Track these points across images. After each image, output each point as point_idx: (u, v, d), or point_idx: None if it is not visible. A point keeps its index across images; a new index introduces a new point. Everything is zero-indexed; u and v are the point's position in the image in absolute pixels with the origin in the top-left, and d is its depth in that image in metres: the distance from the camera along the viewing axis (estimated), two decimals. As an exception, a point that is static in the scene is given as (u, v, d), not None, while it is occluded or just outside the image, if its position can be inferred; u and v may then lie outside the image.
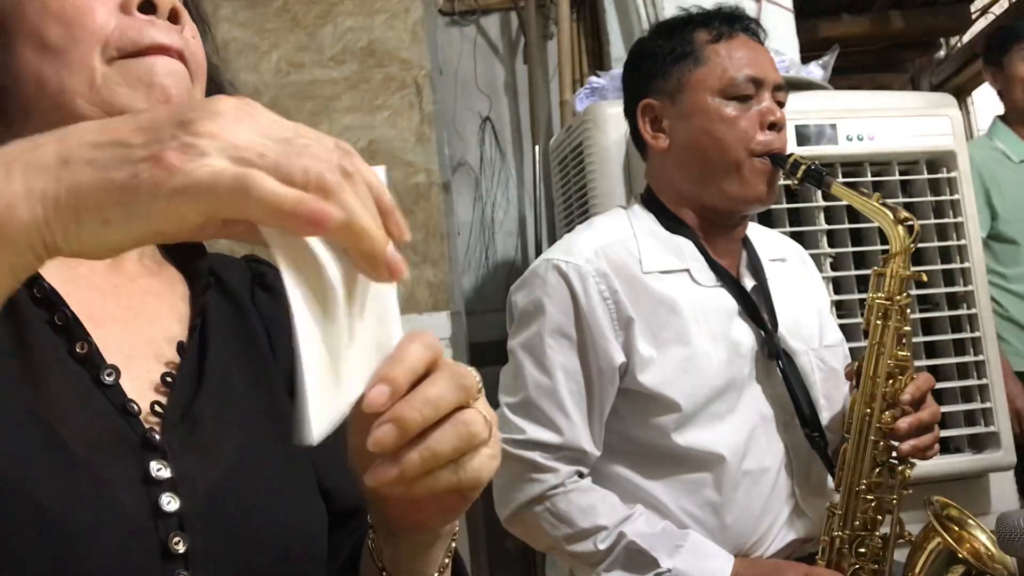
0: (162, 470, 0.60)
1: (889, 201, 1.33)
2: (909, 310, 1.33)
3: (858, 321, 1.51)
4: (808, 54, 2.28)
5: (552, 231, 2.44)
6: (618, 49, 2.46)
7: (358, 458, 0.56)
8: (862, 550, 1.32)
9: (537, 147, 2.67)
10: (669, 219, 1.42)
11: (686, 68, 1.38)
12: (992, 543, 1.29)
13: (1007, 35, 2.63)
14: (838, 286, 1.89)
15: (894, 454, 1.30)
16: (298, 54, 2.33)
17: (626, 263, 1.36)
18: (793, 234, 1.81)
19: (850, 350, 1.54)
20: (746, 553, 1.34)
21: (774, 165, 1.35)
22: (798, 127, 1.87)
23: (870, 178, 1.91)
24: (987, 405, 1.92)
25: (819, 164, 1.36)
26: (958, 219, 1.95)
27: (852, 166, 1.91)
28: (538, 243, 2.63)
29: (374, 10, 2.36)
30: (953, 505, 1.34)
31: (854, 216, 1.84)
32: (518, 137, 2.86)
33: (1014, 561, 1.29)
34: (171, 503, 0.59)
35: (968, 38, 3.34)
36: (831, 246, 1.89)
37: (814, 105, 1.91)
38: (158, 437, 0.61)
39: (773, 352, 1.36)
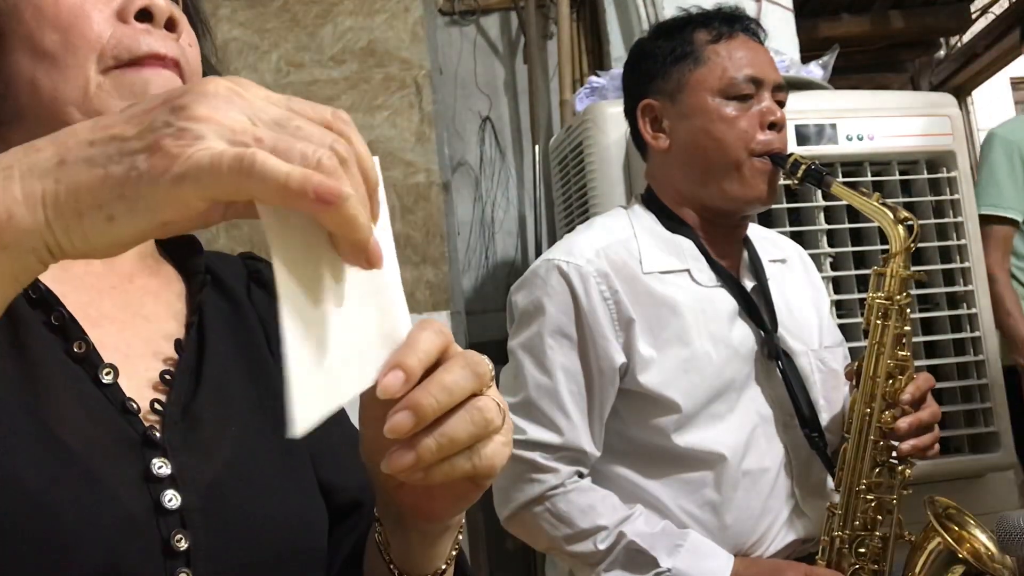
0: (163, 467, 0.60)
1: (889, 201, 1.33)
2: (909, 310, 1.33)
3: (858, 321, 1.51)
4: (808, 54, 2.29)
5: (552, 231, 2.44)
6: (618, 49, 2.46)
7: (371, 449, 0.56)
8: (862, 550, 1.32)
9: (537, 147, 2.67)
10: (670, 219, 1.42)
11: (686, 68, 1.38)
12: (992, 543, 1.29)
13: None
14: (838, 286, 1.89)
15: (894, 454, 1.30)
16: (298, 54, 2.33)
17: (627, 263, 1.36)
18: (793, 234, 1.81)
19: (850, 350, 1.54)
20: (746, 553, 1.34)
21: (774, 165, 1.35)
22: (798, 127, 1.87)
23: (870, 178, 1.91)
24: (987, 405, 1.92)
25: (819, 164, 1.36)
26: (958, 219, 1.96)
27: (852, 166, 1.91)
28: (538, 243, 2.63)
29: (374, 10, 2.36)
30: (953, 505, 1.34)
31: (854, 216, 1.84)
32: (518, 137, 2.85)
33: (1014, 561, 1.29)
34: (173, 500, 0.59)
35: (968, 38, 3.34)
36: (831, 246, 1.89)
37: (814, 105, 1.91)
38: (158, 435, 0.61)
39: (773, 352, 1.36)
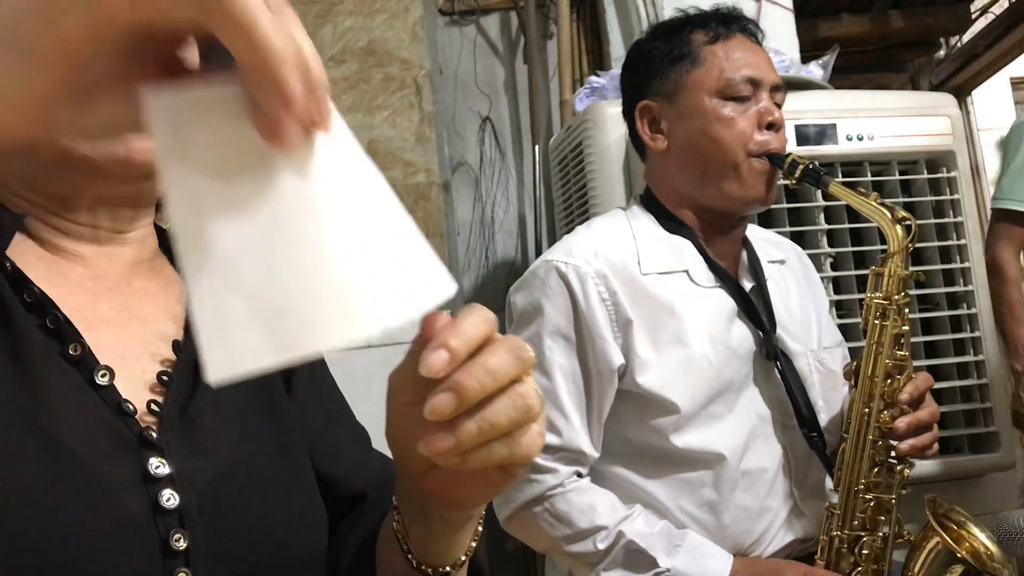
0: (161, 467, 0.59)
1: (888, 201, 1.33)
2: (908, 310, 1.33)
3: (858, 321, 1.51)
4: (808, 54, 2.28)
5: (552, 231, 2.44)
6: (618, 49, 2.46)
7: (398, 433, 0.56)
8: (862, 550, 1.32)
9: (537, 147, 2.67)
10: (668, 220, 1.42)
11: (683, 69, 1.38)
12: (991, 543, 1.29)
13: None
14: (838, 286, 1.89)
15: (893, 454, 1.30)
16: (298, 54, 2.32)
17: (625, 264, 1.36)
18: (793, 234, 1.81)
19: (851, 350, 1.54)
20: (745, 553, 1.34)
21: (772, 165, 1.35)
22: (798, 127, 1.87)
23: (870, 178, 1.91)
24: (987, 405, 1.92)
25: (817, 164, 1.36)
26: (958, 219, 1.96)
27: (852, 166, 1.91)
28: (538, 243, 2.63)
29: (374, 10, 2.36)
30: (953, 505, 1.34)
31: (854, 216, 1.84)
32: (518, 137, 2.85)
33: (1014, 561, 1.29)
34: (171, 499, 0.59)
35: (968, 38, 3.33)
36: (831, 246, 1.89)
37: (814, 105, 1.91)
38: (155, 435, 0.61)
39: (771, 353, 1.36)
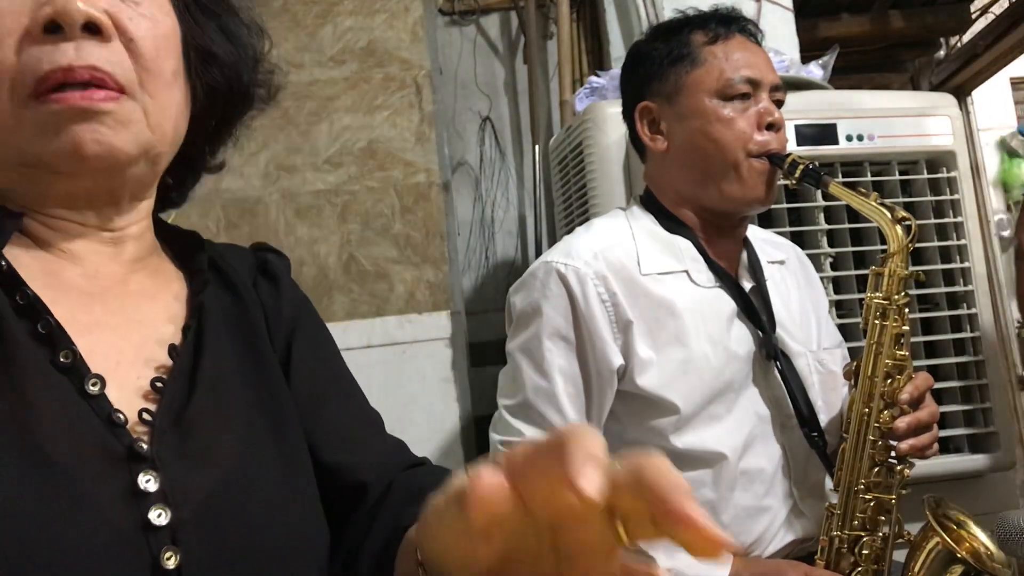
0: (150, 482, 0.58)
1: (888, 201, 1.33)
2: (908, 310, 1.33)
3: (858, 321, 1.51)
4: (808, 54, 2.28)
5: (552, 231, 2.44)
6: (618, 49, 2.46)
7: (437, 546, 0.47)
8: (862, 550, 1.32)
9: (537, 147, 2.67)
10: (668, 220, 1.41)
11: (683, 70, 1.38)
12: (992, 543, 1.29)
13: None
14: (838, 286, 1.89)
15: (893, 454, 1.30)
16: (298, 54, 2.33)
17: (624, 265, 1.35)
18: (793, 234, 1.81)
19: (851, 350, 1.54)
20: (745, 553, 1.34)
21: (772, 165, 1.35)
22: (798, 127, 1.87)
23: (870, 178, 1.91)
24: (987, 405, 1.92)
25: (817, 164, 1.35)
26: (958, 219, 1.96)
27: (852, 166, 1.91)
28: (538, 243, 2.63)
29: (374, 10, 2.36)
30: (953, 505, 1.34)
31: (854, 216, 1.84)
32: (518, 137, 2.85)
33: (1014, 561, 1.29)
34: (161, 516, 0.57)
35: (968, 38, 3.33)
36: (831, 246, 1.89)
37: (814, 105, 1.91)
38: (145, 447, 0.59)
39: (771, 353, 1.36)
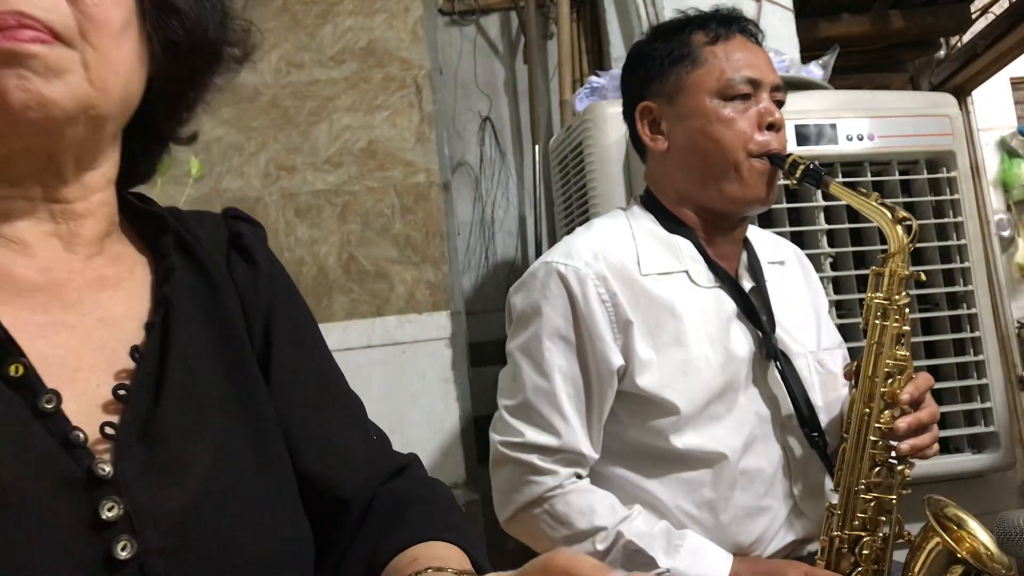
0: (115, 508, 0.52)
1: (888, 201, 1.33)
2: (908, 310, 1.32)
3: (858, 321, 1.51)
4: (808, 54, 2.28)
5: (552, 231, 2.44)
6: (618, 49, 2.46)
7: None
8: (862, 550, 1.32)
9: (537, 147, 2.67)
10: (668, 220, 1.41)
11: (683, 70, 1.38)
12: (992, 543, 1.28)
13: None
14: (838, 286, 1.89)
15: (893, 454, 1.30)
16: (298, 54, 2.33)
17: (624, 265, 1.35)
18: (793, 234, 1.81)
19: (851, 350, 1.54)
20: (745, 553, 1.34)
21: (773, 165, 1.35)
22: (798, 127, 1.87)
23: (870, 178, 1.91)
24: (987, 405, 1.92)
25: (818, 164, 1.35)
26: (958, 219, 1.96)
27: (852, 166, 1.91)
28: (538, 243, 2.63)
29: (374, 10, 2.36)
30: (953, 505, 1.34)
31: (854, 216, 1.84)
32: (518, 137, 2.85)
33: (1014, 561, 1.29)
34: (126, 548, 0.52)
35: (968, 38, 3.33)
36: (831, 246, 1.89)
37: (814, 105, 1.91)
38: (107, 468, 0.53)
39: (771, 353, 1.36)
